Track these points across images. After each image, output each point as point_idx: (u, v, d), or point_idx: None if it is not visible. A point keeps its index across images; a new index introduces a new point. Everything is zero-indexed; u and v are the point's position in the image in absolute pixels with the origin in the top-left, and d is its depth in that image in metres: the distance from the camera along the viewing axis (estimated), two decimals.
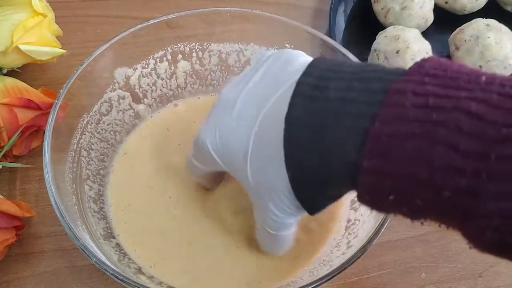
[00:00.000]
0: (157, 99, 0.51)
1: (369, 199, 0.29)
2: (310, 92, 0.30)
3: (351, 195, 0.45)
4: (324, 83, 0.30)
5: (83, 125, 0.46)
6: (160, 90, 0.51)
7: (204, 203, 0.45)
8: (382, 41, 0.56)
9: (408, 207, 0.28)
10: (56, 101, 0.42)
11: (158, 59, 0.50)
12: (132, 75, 0.49)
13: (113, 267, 0.36)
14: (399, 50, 0.54)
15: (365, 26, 0.64)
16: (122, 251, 0.43)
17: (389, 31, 0.57)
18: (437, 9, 0.62)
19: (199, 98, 0.53)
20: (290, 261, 0.43)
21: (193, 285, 0.42)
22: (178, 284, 0.42)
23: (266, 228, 0.37)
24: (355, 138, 0.28)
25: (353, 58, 0.45)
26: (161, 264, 0.43)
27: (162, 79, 0.51)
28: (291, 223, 0.36)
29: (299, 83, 0.31)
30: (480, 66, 0.55)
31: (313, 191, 0.32)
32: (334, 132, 0.29)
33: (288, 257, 0.43)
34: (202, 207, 0.45)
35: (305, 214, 0.35)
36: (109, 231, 0.44)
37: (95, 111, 0.47)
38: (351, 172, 0.28)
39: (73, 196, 0.42)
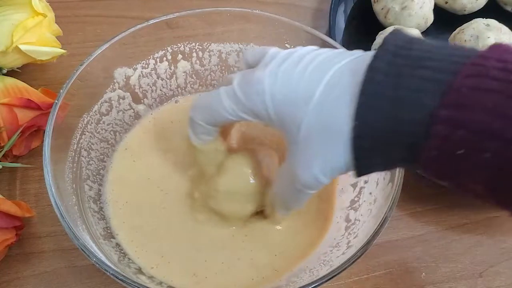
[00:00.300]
0: (157, 99, 0.51)
1: (436, 154, 0.30)
2: (394, 49, 0.32)
3: (351, 195, 0.45)
4: (408, 45, 0.32)
5: (83, 125, 0.46)
6: (160, 90, 0.51)
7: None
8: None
9: (474, 163, 0.29)
10: (56, 101, 0.42)
11: (158, 59, 0.50)
12: (132, 75, 0.49)
13: (113, 267, 0.36)
14: None
15: (365, 26, 0.64)
16: (122, 251, 0.43)
17: (389, 31, 0.57)
18: (437, 9, 0.62)
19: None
20: (293, 253, 0.43)
21: (194, 285, 0.42)
22: (179, 284, 0.42)
23: (295, 184, 0.36)
24: (434, 89, 0.29)
25: None
26: (161, 263, 0.43)
27: (162, 79, 0.51)
28: (323, 183, 0.36)
29: (385, 41, 0.32)
30: None
31: (372, 147, 0.32)
32: (412, 82, 0.30)
33: (289, 252, 0.43)
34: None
35: None
36: (108, 231, 0.44)
37: (95, 111, 0.47)
38: (422, 123, 0.29)
39: (73, 196, 0.42)
